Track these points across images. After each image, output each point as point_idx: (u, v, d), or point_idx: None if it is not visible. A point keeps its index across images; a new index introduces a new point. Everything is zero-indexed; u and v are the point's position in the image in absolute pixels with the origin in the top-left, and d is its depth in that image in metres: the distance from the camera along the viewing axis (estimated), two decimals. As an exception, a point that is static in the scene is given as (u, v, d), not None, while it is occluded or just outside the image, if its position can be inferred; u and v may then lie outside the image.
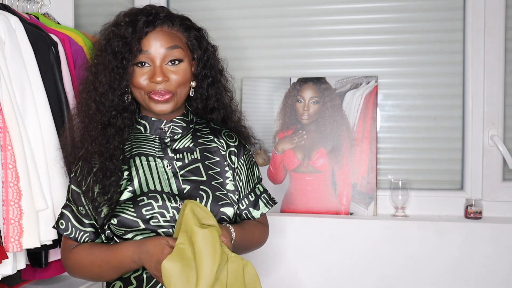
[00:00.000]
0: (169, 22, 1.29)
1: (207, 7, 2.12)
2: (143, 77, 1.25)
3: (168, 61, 1.25)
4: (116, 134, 1.27)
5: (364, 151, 1.97)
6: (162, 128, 1.33)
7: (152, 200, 1.23)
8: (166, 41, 1.26)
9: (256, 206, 1.40)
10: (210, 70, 1.35)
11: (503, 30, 1.91)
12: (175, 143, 1.33)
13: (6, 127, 1.38)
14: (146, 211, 1.22)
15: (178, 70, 1.26)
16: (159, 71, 1.24)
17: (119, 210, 1.22)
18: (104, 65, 1.26)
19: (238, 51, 2.10)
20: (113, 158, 1.25)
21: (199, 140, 1.35)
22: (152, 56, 1.24)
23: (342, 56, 2.05)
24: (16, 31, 1.46)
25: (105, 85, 1.25)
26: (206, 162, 1.32)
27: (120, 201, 1.23)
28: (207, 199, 1.27)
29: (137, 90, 1.27)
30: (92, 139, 1.26)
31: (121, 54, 1.24)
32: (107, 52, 1.26)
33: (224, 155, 1.35)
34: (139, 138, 1.33)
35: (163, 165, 1.29)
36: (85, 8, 2.19)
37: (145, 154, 1.30)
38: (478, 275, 1.84)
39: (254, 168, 1.43)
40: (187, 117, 1.37)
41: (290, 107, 2.04)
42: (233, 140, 1.39)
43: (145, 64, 1.25)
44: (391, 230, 1.90)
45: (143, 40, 1.25)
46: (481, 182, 1.94)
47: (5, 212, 1.36)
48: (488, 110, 1.93)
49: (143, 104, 1.29)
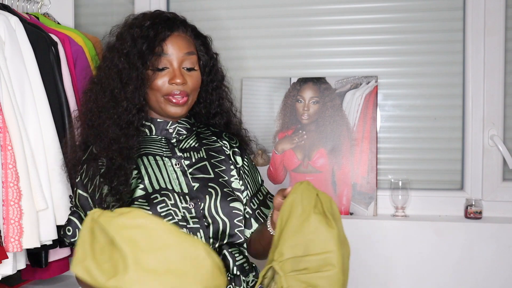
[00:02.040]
0: (184, 28, 1.33)
1: (207, 7, 2.12)
2: (162, 79, 1.27)
3: (184, 66, 1.29)
4: (135, 133, 1.27)
5: (364, 151, 1.97)
6: (168, 129, 1.34)
7: (165, 197, 1.24)
8: (184, 45, 1.29)
9: (266, 205, 1.42)
10: (214, 76, 1.39)
11: (503, 30, 1.91)
12: (181, 143, 1.34)
13: (6, 127, 1.38)
14: (160, 209, 1.22)
15: (193, 75, 1.30)
16: (179, 73, 1.27)
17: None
18: (122, 66, 1.26)
19: (238, 51, 2.10)
20: (131, 158, 1.25)
21: (203, 141, 1.38)
22: (171, 59, 1.27)
23: (342, 56, 2.05)
24: (16, 31, 1.46)
25: (129, 85, 1.25)
26: (212, 160, 1.34)
27: (134, 199, 1.23)
28: (216, 195, 1.27)
29: (154, 92, 1.28)
30: (113, 138, 1.25)
31: (143, 56, 1.25)
32: (125, 53, 1.26)
33: (228, 154, 1.37)
34: (145, 139, 1.33)
35: (171, 164, 1.30)
36: (85, 8, 2.19)
37: (152, 153, 1.30)
38: (478, 275, 1.84)
39: (256, 170, 1.45)
40: (190, 120, 1.39)
41: (290, 107, 2.04)
42: (234, 142, 1.41)
43: (165, 69, 1.27)
44: (391, 230, 1.90)
45: (165, 43, 1.27)
46: (481, 182, 1.94)
47: (5, 212, 1.36)
48: (488, 110, 1.93)
49: (156, 106, 1.30)
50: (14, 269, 1.40)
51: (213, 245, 1.25)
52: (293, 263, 1.08)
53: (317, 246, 1.07)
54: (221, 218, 1.26)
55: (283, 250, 1.09)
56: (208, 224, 1.25)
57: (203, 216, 1.25)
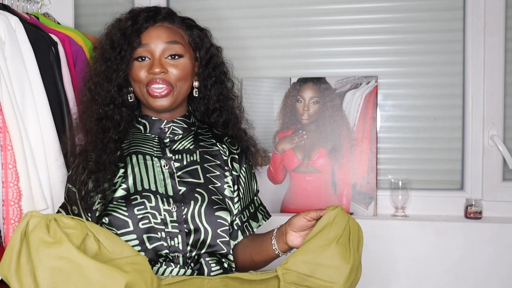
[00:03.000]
0: (170, 19, 1.31)
1: (207, 7, 2.12)
2: (142, 70, 1.26)
3: (167, 55, 1.26)
4: (112, 127, 1.27)
5: (364, 151, 1.97)
6: (162, 128, 1.32)
7: (145, 199, 1.21)
8: (166, 35, 1.27)
9: (255, 218, 1.38)
10: (213, 70, 1.35)
11: (503, 30, 1.91)
12: (174, 144, 1.31)
13: (6, 127, 1.38)
14: (138, 211, 1.20)
15: (177, 64, 1.27)
16: (158, 63, 1.24)
17: (111, 209, 1.20)
18: (103, 56, 1.28)
19: (238, 51, 2.10)
20: (107, 150, 1.24)
21: (200, 143, 1.34)
22: (151, 49, 1.25)
23: (342, 56, 2.05)
24: (16, 31, 1.46)
25: (101, 75, 1.27)
26: (205, 164, 1.30)
27: (114, 198, 1.21)
28: (202, 202, 1.24)
29: (137, 84, 1.27)
30: (87, 129, 1.27)
31: (119, 46, 1.25)
32: (106, 44, 1.28)
33: (226, 160, 1.33)
34: (138, 137, 1.32)
35: (160, 165, 1.27)
36: (85, 8, 2.19)
37: (142, 152, 1.28)
38: (478, 275, 1.84)
39: (253, 179, 1.41)
40: (189, 119, 1.36)
41: (290, 107, 2.04)
42: (236, 148, 1.37)
43: (145, 58, 1.26)
44: (391, 230, 1.90)
45: (143, 34, 1.26)
46: (481, 182, 1.94)
47: (5, 212, 1.36)
48: (488, 110, 1.93)
49: (143, 100, 1.29)
50: (14, 269, 1.40)
51: (191, 252, 1.22)
52: (298, 277, 1.12)
53: (326, 273, 1.11)
54: (204, 226, 1.22)
55: (294, 261, 1.13)
56: (189, 230, 1.21)
57: (184, 221, 1.22)
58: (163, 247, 1.20)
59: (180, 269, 1.21)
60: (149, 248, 1.19)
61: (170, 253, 1.21)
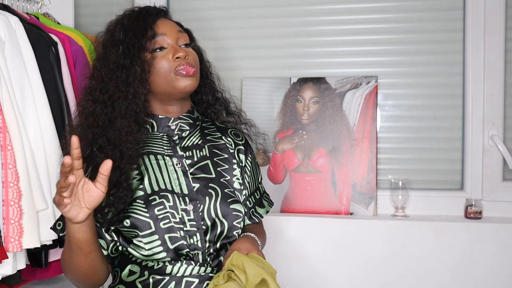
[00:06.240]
0: (168, 15, 1.37)
1: (207, 7, 2.12)
2: (165, 58, 1.26)
3: (181, 44, 1.30)
4: (140, 129, 1.26)
5: (364, 151, 1.97)
6: (170, 126, 1.32)
7: (163, 199, 1.22)
8: (174, 25, 1.32)
9: (261, 204, 1.42)
10: (204, 66, 1.42)
11: (503, 30, 1.91)
12: (183, 140, 1.33)
13: (6, 127, 1.38)
14: (158, 211, 1.21)
15: (190, 50, 1.31)
16: (179, 48, 1.28)
17: (131, 210, 1.21)
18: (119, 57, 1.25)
19: (238, 51, 2.10)
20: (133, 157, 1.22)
21: (207, 137, 1.36)
22: (166, 38, 1.28)
23: (342, 56, 2.05)
24: (16, 31, 1.46)
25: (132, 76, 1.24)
26: (214, 158, 1.33)
27: (133, 199, 1.22)
28: (216, 197, 1.26)
29: (161, 75, 1.25)
30: (124, 132, 1.22)
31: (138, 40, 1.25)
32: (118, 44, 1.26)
33: (233, 153, 1.36)
34: (147, 137, 1.32)
35: (172, 164, 1.28)
36: (85, 8, 2.19)
37: (153, 152, 1.29)
38: (478, 275, 1.84)
39: (257, 167, 1.45)
40: (193, 114, 1.38)
41: (290, 107, 2.04)
42: (240, 139, 1.40)
43: (162, 49, 1.27)
44: (391, 230, 1.90)
45: (156, 25, 1.28)
46: (481, 182, 1.94)
47: (5, 212, 1.36)
48: (488, 110, 1.93)
49: (167, 89, 1.27)
50: (14, 269, 1.39)
51: (209, 249, 1.24)
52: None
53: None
54: (220, 220, 1.25)
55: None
56: (207, 227, 1.24)
57: (201, 219, 1.24)
58: (184, 246, 1.22)
59: (200, 267, 1.23)
60: (171, 248, 1.21)
61: (190, 251, 1.22)
